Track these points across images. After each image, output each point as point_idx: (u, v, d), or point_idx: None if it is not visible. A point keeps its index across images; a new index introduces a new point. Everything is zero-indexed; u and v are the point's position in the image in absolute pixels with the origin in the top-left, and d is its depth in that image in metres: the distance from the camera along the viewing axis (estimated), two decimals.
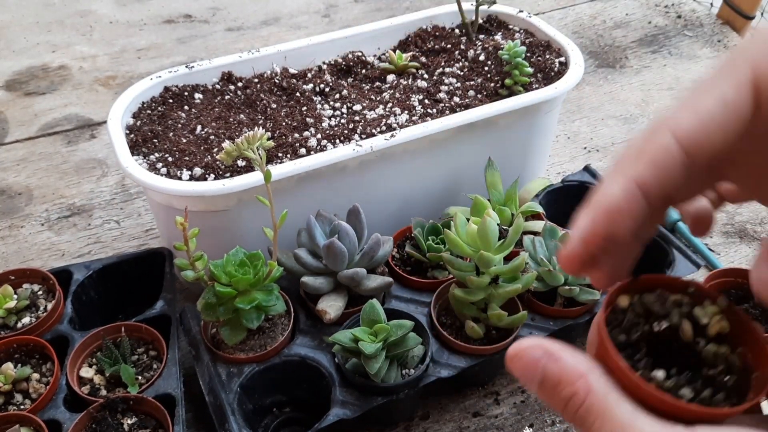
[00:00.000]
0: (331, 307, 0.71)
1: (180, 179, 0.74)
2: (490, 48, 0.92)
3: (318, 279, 0.72)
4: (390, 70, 0.91)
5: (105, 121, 0.83)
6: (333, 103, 0.86)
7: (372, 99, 0.87)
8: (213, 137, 0.80)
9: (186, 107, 0.85)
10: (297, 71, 0.91)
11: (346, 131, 0.80)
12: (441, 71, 0.91)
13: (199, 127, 0.81)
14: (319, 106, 0.86)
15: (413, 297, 0.77)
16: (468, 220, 0.70)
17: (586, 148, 1.14)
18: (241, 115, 0.84)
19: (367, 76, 0.92)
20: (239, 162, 0.75)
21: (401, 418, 0.74)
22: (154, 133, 0.80)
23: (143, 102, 0.85)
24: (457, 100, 0.85)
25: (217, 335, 0.72)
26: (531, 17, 0.98)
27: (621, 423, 0.27)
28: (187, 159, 0.76)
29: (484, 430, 0.73)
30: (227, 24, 1.47)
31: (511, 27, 0.99)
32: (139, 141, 0.79)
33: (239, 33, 1.43)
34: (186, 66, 0.88)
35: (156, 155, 0.78)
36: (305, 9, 1.52)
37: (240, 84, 0.88)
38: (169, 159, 0.77)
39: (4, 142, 1.15)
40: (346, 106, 0.85)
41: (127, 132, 0.81)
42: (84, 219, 1.00)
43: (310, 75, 0.90)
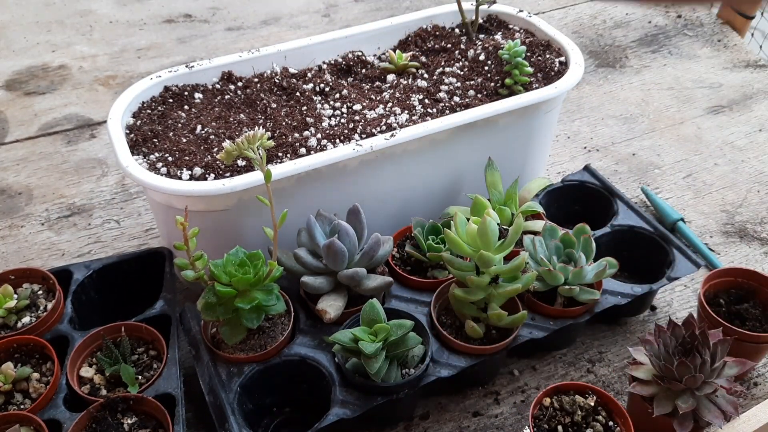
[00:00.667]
0: (331, 307, 0.71)
1: (180, 179, 0.74)
2: (490, 48, 0.91)
3: (318, 279, 0.72)
4: (390, 69, 0.91)
5: (105, 121, 0.83)
6: (333, 103, 0.86)
7: (372, 99, 0.87)
8: (213, 137, 0.80)
9: (186, 107, 0.85)
10: (297, 71, 0.91)
11: (346, 131, 0.80)
12: (441, 71, 0.91)
13: (199, 127, 0.81)
14: (319, 105, 0.85)
15: (413, 297, 0.77)
16: (468, 219, 0.70)
17: (586, 147, 1.14)
18: (241, 115, 0.84)
19: (367, 75, 0.92)
20: (239, 162, 0.75)
21: (401, 417, 0.74)
22: (154, 133, 0.80)
23: (143, 102, 0.85)
24: (457, 99, 0.85)
25: (217, 335, 0.72)
26: (531, 17, 0.98)
27: None
28: (187, 159, 0.76)
29: (484, 429, 0.73)
30: (227, 24, 1.47)
31: (511, 27, 0.99)
32: (139, 141, 0.79)
33: (239, 33, 1.43)
34: (186, 66, 0.88)
35: (156, 155, 0.77)
36: (305, 9, 1.52)
37: (240, 84, 0.88)
38: (169, 158, 0.77)
39: (4, 141, 1.15)
40: (346, 105, 0.85)
41: (127, 132, 0.81)
42: (84, 219, 1.00)
43: (310, 75, 0.90)
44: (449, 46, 0.95)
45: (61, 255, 0.94)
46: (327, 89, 0.88)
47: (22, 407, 0.66)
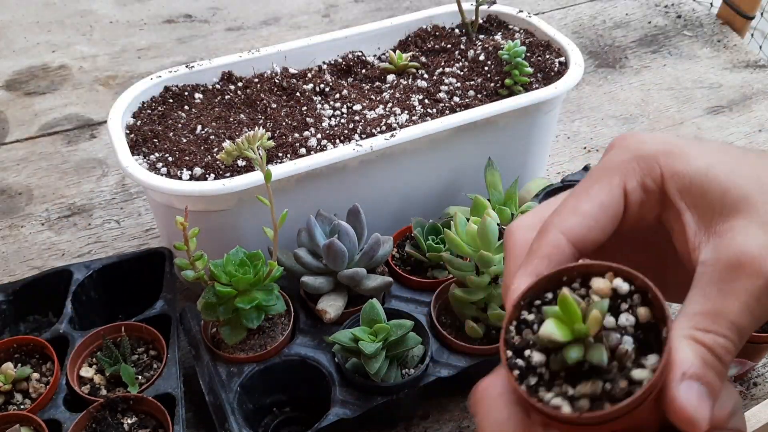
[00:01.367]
0: (331, 307, 0.71)
1: (180, 179, 0.74)
2: (490, 48, 0.92)
3: (318, 279, 0.72)
4: (390, 70, 0.91)
5: (105, 121, 0.83)
6: (333, 103, 0.86)
7: (372, 99, 0.87)
8: (213, 137, 0.80)
9: (186, 107, 0.85)
10: (297, 71, 0.91)
11: (346, 131, 0.80)
12: (441, 71, 0.91)
13: (200, 127, 0.81)
14: (319, 105, 0.86)
15: (413, 297, 0.77)
16: (468, 219, 0.70)
17: (585, 148, 1.14)
18: (241, 115, 0.84)
19: (367, 76, 0.92)
20: (239, 162, 0.75)
21: (401, 417, 0.74)
22: (154, 133, 0.80)
23: (143, 102, 0.85)
24: (457, 100, 0.85)
25: (217, 335, 0.72)
26: (531, 17, 0.98)
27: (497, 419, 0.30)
28: (188, 159, 0.76)
29: None
30: (227, 24, 1.47)
31: (511, 27, 0.99)
32: (140, 141, 0.79)
33: (239, 33, 1.43)
34: (186, 66, 0.88)
35: (156, 155, 0.78)
36: (305, 9, 1.52)
37: (240, 84, 0.88)
38: (170, 159, 0.77)
39: (4, 142, 1.15)
40: (346, 105, 0.85)
41: (128, 132, 0.81)
42: (84, 219, 1.00)
43: (310, 75, 0.90)
44: (449, 46, 0.95)
45: (61, 255, 0.94)
46: (327, 89, 0.88)
47: (22, 407, 0.66)
